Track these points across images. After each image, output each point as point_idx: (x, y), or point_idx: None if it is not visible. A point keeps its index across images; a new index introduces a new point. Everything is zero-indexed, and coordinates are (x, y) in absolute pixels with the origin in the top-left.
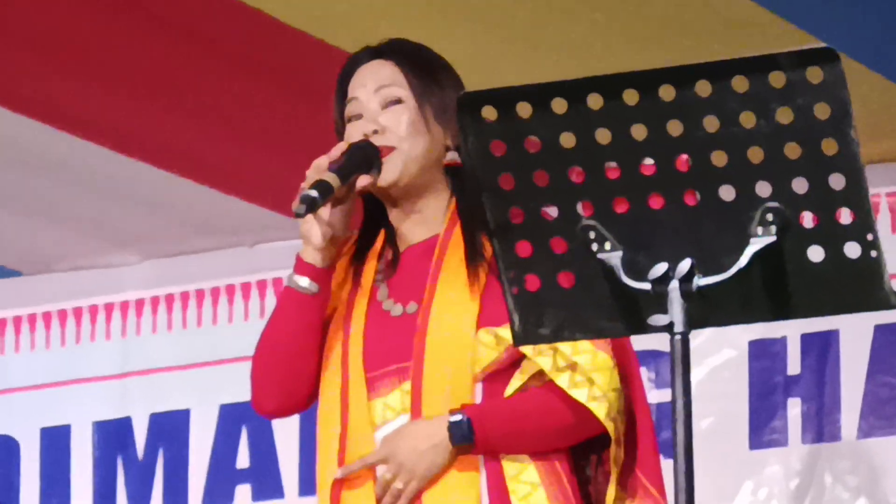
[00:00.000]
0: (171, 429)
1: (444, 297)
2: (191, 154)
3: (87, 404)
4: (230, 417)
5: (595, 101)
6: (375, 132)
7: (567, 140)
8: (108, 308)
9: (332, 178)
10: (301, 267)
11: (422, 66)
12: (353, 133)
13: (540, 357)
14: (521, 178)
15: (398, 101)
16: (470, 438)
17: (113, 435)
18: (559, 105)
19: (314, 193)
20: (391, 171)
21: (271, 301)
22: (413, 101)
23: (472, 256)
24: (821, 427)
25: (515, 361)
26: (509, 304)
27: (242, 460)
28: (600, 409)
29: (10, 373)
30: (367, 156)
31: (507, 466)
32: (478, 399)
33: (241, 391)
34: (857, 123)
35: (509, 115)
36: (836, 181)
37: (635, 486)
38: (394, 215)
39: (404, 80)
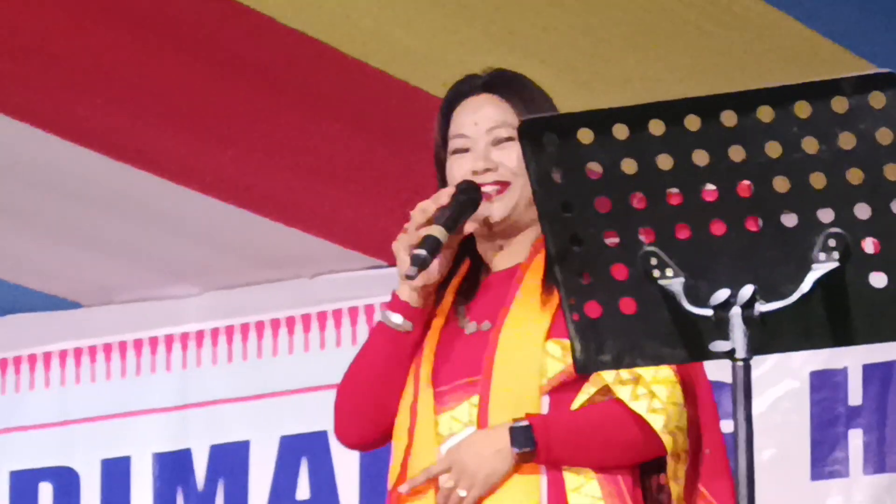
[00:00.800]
0: (230, 460)
1: (517, 314)
2: (251, 186)
3: (147, 436)
4: (290, 449)
5: (657, 126)
6: (488, 170)
7: (628, 166)
8: (168, 340)
9: (440, 233)
10: (395, 304)
11: (528, 102)
12: (460, 167)
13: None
14: (583, 204)
15: (509, 139)
16: (531, 445)
17: (173, 466)
18: (621, 131)
19: (424, 253)
20: (503, 208)
21: (331, 333)
22: None
23: (548, 278)
24: (882, 458)
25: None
26: (570, 331)
27: (303, 492)
28: (658, 421)
29: (71, 405)
30: (472, 200)
31: (569, 478)
32: (544, 412)
33: (300, 423)
34: None
35: (570, 142)
36: None
37: (696, 501)
38: (484, 247)
39: (515, 118)
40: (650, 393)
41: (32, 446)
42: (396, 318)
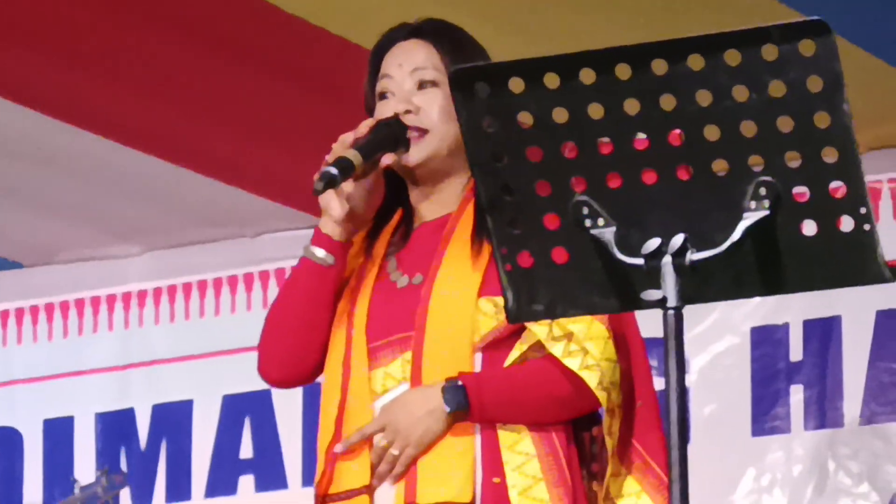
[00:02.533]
0: (173, 420)
1: (448, 269)
2: (192, 145)
3: (89, 396)
4: (233, 408)
5: (587, 75)
6: (408, 112)
7: (559, 115)
8: (110, 299)
9: (354, 156)
10: (318, 238)
11: (459, 50)
12: (384, 110)
13: (536, 326)
14: (514, 153)
15: (433, 84)
16: (465, 405)
17: (116, 426)
18: (551, 80)
19: (334, 171)
20: (420, 153)
21: (273, 292)
22: (448, 86)
23: (478, 231)
24: (823, 413)
25: (515, 332)
26: (503, 280)
27: (246, 451)
28: (592, 378)
29: (13, 365)
30: (393, 134)
31: (503, 436)
32: (478, 369)
33: (243, 382)
34: (858, 109)
35: (502, 91)
36: (829, 155)
37: (632, 458)
38: (414, 194)
39: (441, 63)
40: (583, 349)
41: None
42: (318, 252)
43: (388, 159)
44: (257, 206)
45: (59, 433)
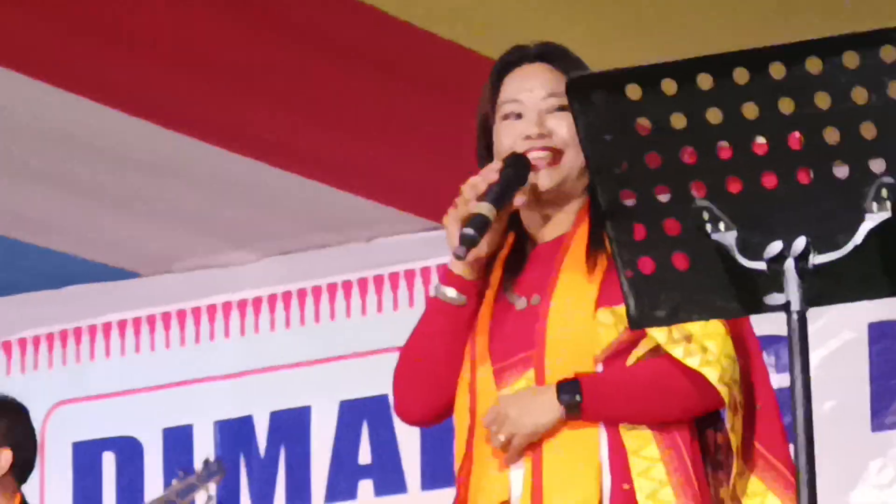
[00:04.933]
0: (292, 426)
1: (565, 285)
2: (305, 151)
3: (208, 404)
4: (351, 413)
5: (705, 80)
6: (541, 136)
7: (678, 121)
8: (227, 307)
9: (489, 210)
10: (449, 278)
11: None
12: (512, 132)
13: (656, 331)
14: (633, 160)
15: (563, 109)
16: (578, 399)
17: (234, 433)
18: (669, 86)
19: (472, 232)
20: (553, 177)
21: (388, 296)
22: None
23: (593, 244)
24: None
25: (636, 341)
26: (624, 287)
27: (364, 456)
28: (712, 373)
29: (132, 374)
30: (519, 173)
31: (628, 441)
32: None
33: (360, 387)
34: None
35: (619, 98)
36: None
37: (755, 458)
38: (529, 218)
39: None
40: (702, 347)
41: (95, 416)
42: (451, 293)
43: (518, 201)
44: (371, 210)
45: (178, 442)
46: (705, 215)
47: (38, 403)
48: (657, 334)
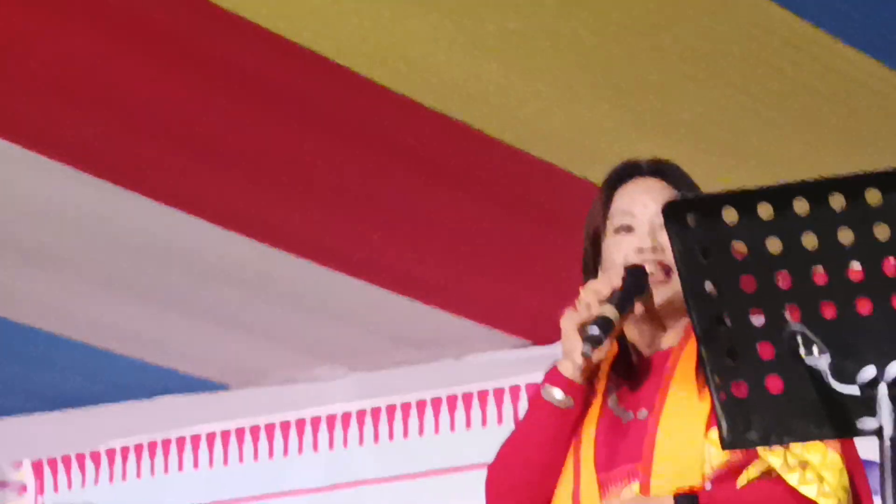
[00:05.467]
0: None
1: (675, 402)
2: (396, 268)
3: None
4: None
5: (801, 205)
6: (655, 249)
7: (773, 245)
8: (315, 421)
9: (612, 313)
10: (558, 379)
11: (691, 191)
12: (625, 245)
13: (771, 456)
14: (728, 283)
15: None
16: None
17: None
18: (765, 210)
19: (597, 332)
20: (667, 293)
21: (477, 413)
22: None
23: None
24: None
25: (746, 463)
26: (717, 409)
27: None
28: None
29: (220, 486)
30: (639, 283)
31: None
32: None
33: (447, 502)
34: None
35: (715, 221)
36: None
37: None
38: (634, 331)
39: None
40: (818, 477)
41: None
42: (559, 395)
43: (638, 309)
44: (460, 327)
45: None
46: (799, 339)
47: None
48: (772, 458)
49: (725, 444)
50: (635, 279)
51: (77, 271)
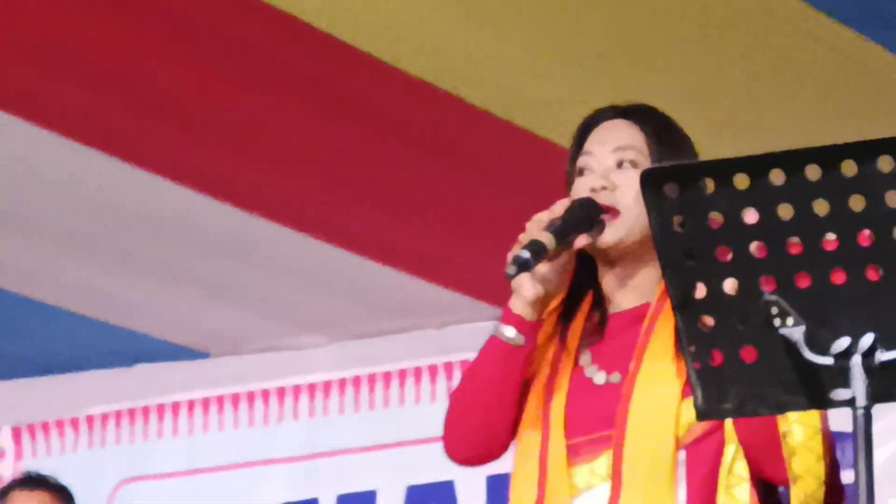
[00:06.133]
0: None
1: (651, 368)
2: (379, 237)
3: (274, 485)
4: (417, 498)
5: (777, 176)
6: (604, 188)
7: (750, 215)
8: (296, 390)
9: (548, 239)
10: (508, 318)
11: (665, 137)
12: (581, 186)
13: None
14: (704, 253)
15: (633, 165)
16: None
17: None
18: (742, 180)
19: (526, 255)
20: (613, 234)
21: (458, 383)
22: None
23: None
24: None
25: (719, 427)
26: (692, 378)
27: None
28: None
29: (198, 454)
30: (588, 215)
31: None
32: (681, 466)
33: (428, 472)
34: None
35: (692, 191)
36: None
37: None
38: (606, 279)
39: (645, 146)
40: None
41: (160, 495)
42: (509, 332)
43: (581, 241)
44: (442, 297)
45: None
46: (774, 310)
47: (105, 481)
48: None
49: (700, 415)
50: (583, 212)
51: (57, 236)
